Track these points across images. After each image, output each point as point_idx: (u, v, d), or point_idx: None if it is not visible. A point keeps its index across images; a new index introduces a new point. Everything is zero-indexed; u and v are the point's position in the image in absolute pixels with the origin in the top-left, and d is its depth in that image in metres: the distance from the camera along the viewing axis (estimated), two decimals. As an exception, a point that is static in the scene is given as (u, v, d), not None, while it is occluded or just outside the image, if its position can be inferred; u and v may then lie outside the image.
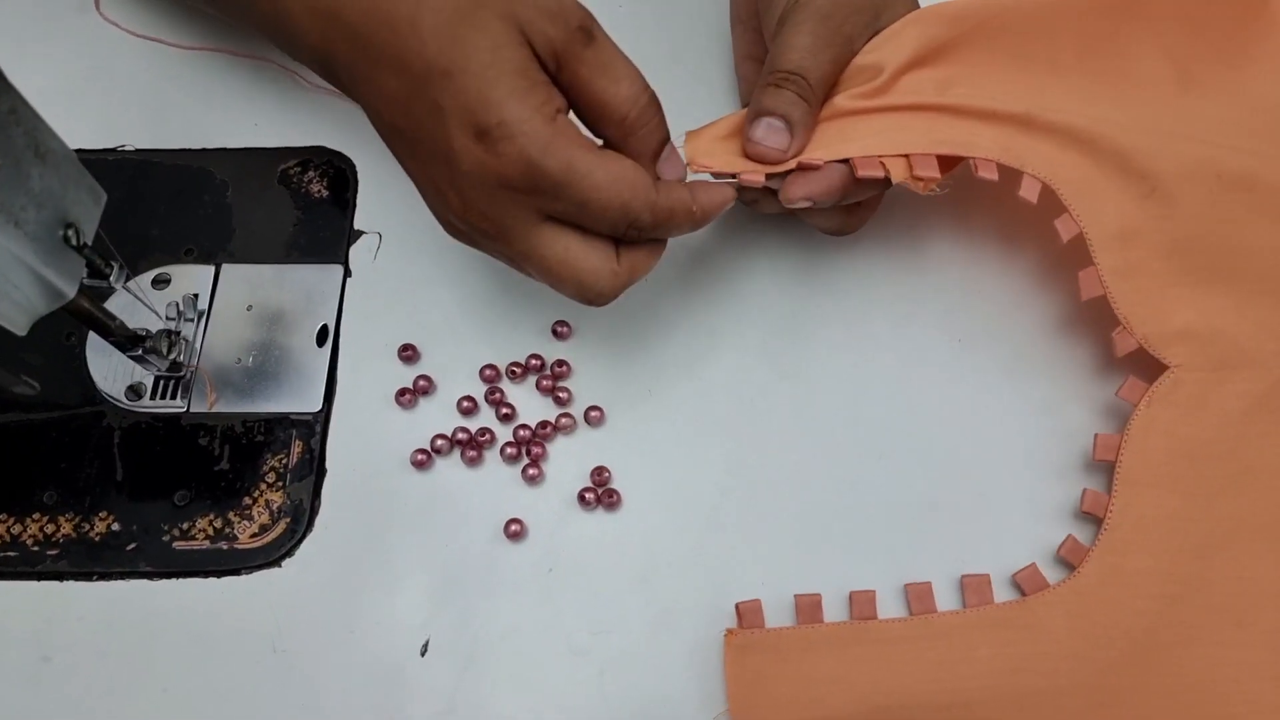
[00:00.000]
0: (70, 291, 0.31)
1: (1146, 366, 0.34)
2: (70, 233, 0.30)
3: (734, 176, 0.33)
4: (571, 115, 0.30)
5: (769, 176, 0.33)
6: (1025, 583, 0.33)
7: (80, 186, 0.31)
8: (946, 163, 0.34)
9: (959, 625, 0.32)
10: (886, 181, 0.33)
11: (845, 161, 0.33)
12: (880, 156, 0.33)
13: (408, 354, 0.38)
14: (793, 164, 0.33)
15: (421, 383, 0.37)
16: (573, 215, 0.29)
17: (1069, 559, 0.33)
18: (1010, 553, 0.34)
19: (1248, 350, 0.33)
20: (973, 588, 0.33)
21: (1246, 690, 0.31)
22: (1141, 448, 0.33)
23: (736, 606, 0.32)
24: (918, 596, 0.33)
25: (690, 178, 0.32)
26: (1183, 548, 0.32)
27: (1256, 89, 0.36)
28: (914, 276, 0.38)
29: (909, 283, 0.38)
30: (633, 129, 0.30)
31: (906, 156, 0.33)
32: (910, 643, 0.32)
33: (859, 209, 0.36)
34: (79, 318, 0.33)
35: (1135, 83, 0.36)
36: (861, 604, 0.32)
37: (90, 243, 0.32)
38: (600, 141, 0.31)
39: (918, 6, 0.35)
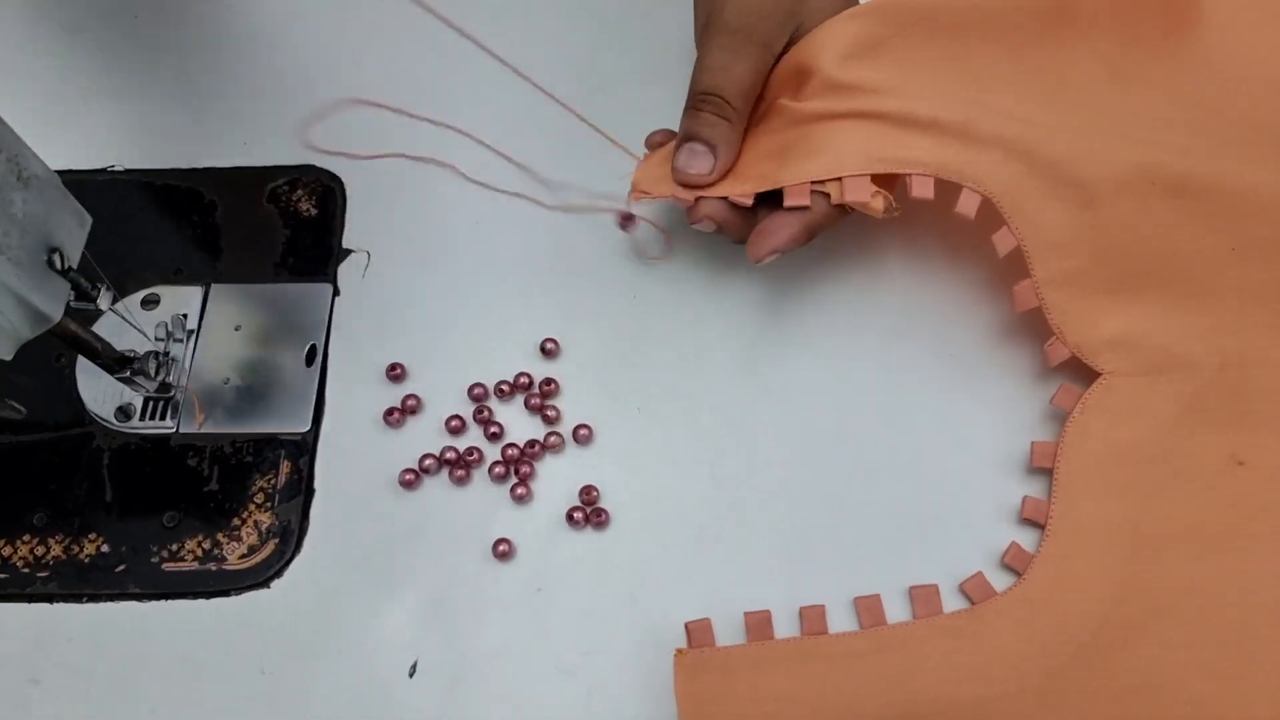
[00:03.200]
0: (56, 315, 0.31)
1: (1081, 373, 0.34)
2: (55, 257, 0.30)
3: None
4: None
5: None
6: (973, 591, 0.33)
7: (64, 210, 0.31)
8: (884, 179, 0.33)
9: (909, 637, 0.32)
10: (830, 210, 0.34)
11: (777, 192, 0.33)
12: (812, 183, 0.33)
13: (396, 373, 0.38)
14: (721, 188, 0.34)
15: (410, 402, 0.37)
16: None
17: (1014, 565, 0.33)
18: (958, 561, 0.34)
19: (1177, 354, 0.34)
20: (921, 599, 0.33)
21: (1191, 689, 0.31)
22: (1078, 454, 0.33)
23: (685, 626, 0.32)
24: (867, 609, 0.33)
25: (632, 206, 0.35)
26: (1123, 551, 0.32)
27: (1187, 85, 0.36)
28: (874, 289, 0.38)
29: (871, 295, 0.38)
30: None
31: (839, 180, 0.33)
32: (861, 656, 0.32)
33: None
34: (66, 341, 0.33)
35: (1071, 84, 0.36)
36: (811, 619, 0.33)
37: (75, 266, 0.32)
38: None
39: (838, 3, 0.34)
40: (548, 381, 0.37)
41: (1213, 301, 0.34)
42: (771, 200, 0.34)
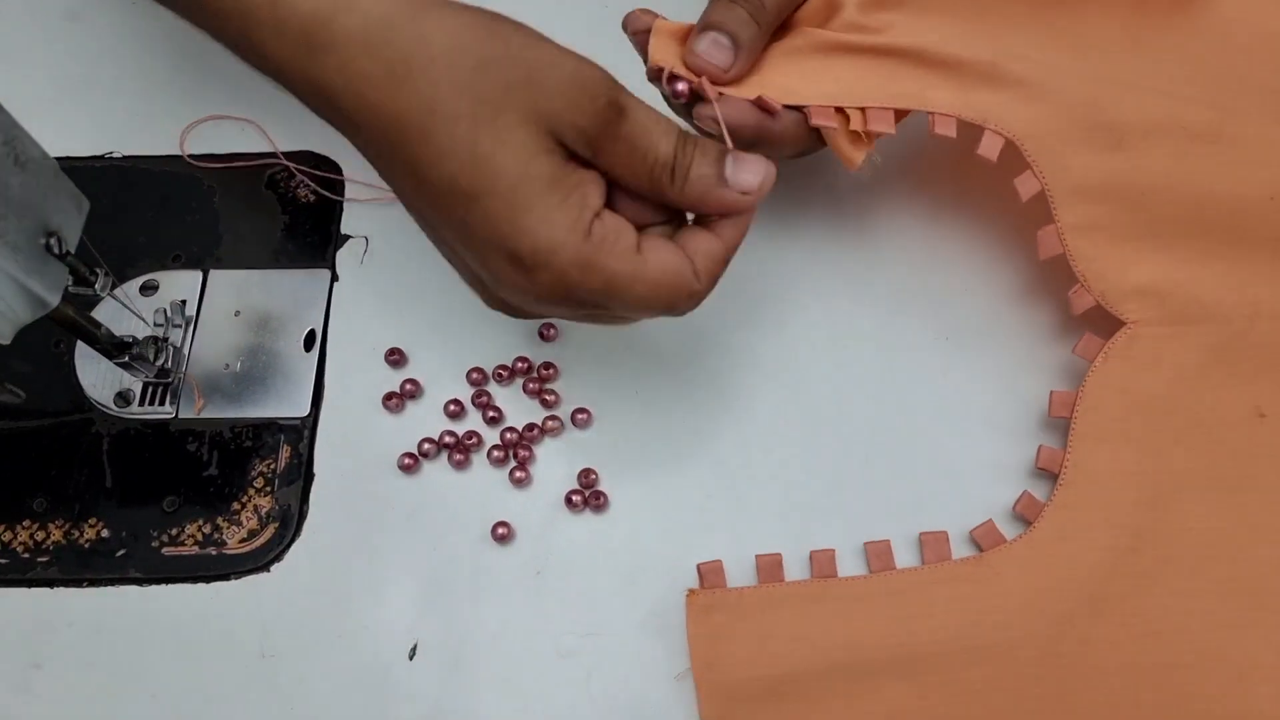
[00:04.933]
0: (54, 300, 0.31)
1: (1104, 324, 0.34)
2: (52, 241, 0.30)
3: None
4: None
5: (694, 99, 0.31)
6: (982, 539, 0.33)
7: (62, 194, 0.31)
8: (900, 113, 0.32)
9: (917, 581, 0.32)
10: (817, 141, 0.32)
11: (799, 109, 0.31)
12: (835, 106, 0.31)
13: (395, 358, 0.38)
14: (730, 84, 0.31)
15: (408, 386, 0.37)
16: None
17: (1025, 515, 0.33)
18: (968, 511, 0.34)
19: (1207, 304, 0.33)
20: (931, 544, 0.33)
21: (1197, 639, 0.31)
22: (1096, 403, 0.33)
23: (698, 567, 0.33)
24: (877, 554, 0.33)
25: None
26: (1136, 501, 0.32)
27: (1201, 48, 0.36)
28: (887, 247, 0.38)
29: (882, 254, 0.38)
30: (685, 176, 0.27)
31: (862, 110, 0.32)
32: (870, 599, 0.32)
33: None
34: (64, 326, 0.33)
35: (1091, 44, 0.35)
36: (822, 563, 0.33)
37: (73, 250, 0.32)
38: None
39: None
40: (546, 365, 0.37)
41: (1247, 251, 0.33)
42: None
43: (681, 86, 0.31)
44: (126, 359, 0.35)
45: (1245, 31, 0.36)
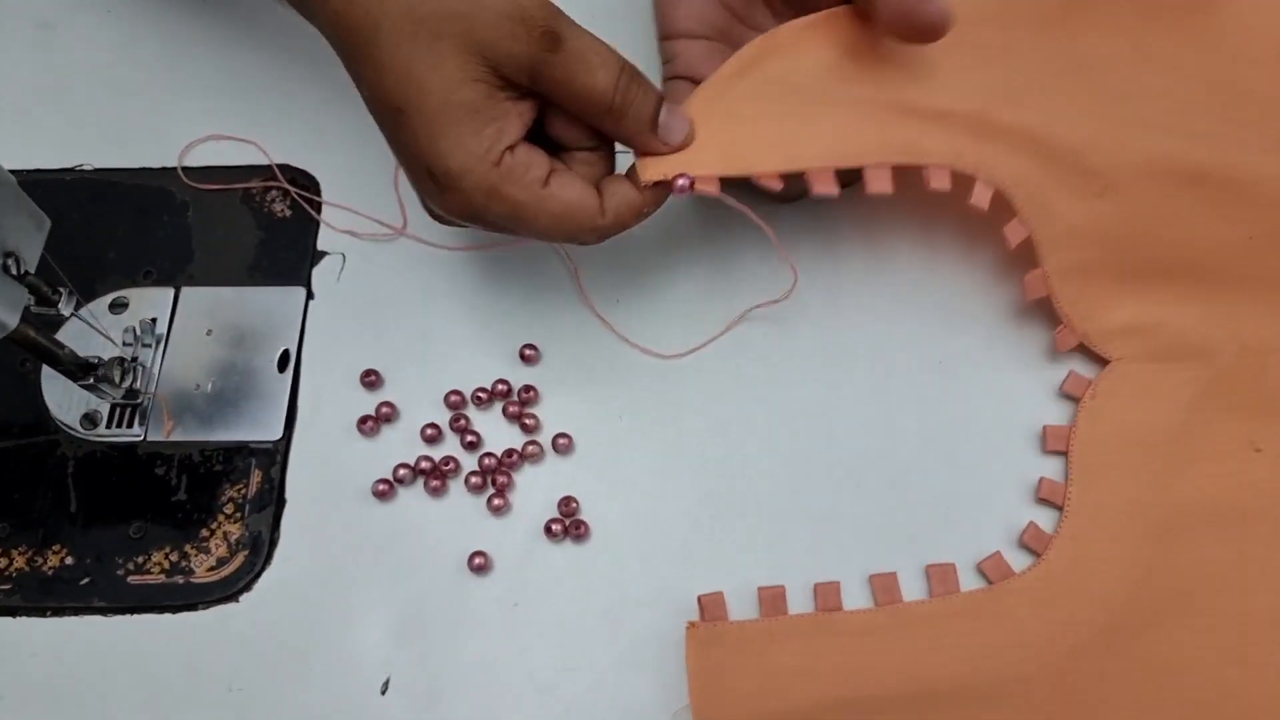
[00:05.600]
0: (11, 322, 0.30)
1: (1095, 357, 0.34)
2: (10, 261, 0.29)
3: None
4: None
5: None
6: (990, 571, 0.32)
7: (20, 213, 0.30)
8: (897, 168, 0.32)
9: (925, 615, 0.31)
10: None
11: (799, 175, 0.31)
12: (835, 168, 0.31)
13: (370, 380, 0.37)
14: (734, 165, 0.31)
15: (384, 410, 0.36)
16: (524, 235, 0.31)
17: (1032, 545, 0.32)
18: (974, 541, 0.33)
19: (1192, 341, 0.34)
20: (938, 577, 0.32)
21: (1211, 674, 0.31)
22: (1091, 437, 0.33)
23: (698, 599, 0.32)
24: (883, 587, 0.32)
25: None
26: (1144, 533, 0.32)
27: (1208, 66, 0.35)
28: (879, 271, 0.37)
29: (875, 278, 0.37)
30: (621, 113, 0.29)
31: (859, 170, 0.32)
32: (876, 633, 0.31)
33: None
34: (24, 347, 0.32)
35: (1090, 64, 0.35)
36: (826, 595, 0.32)
37: (32, 271, 0.31)
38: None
39: None
40: (527, 388, 0.36)
41: (1230, 289, 0.34)
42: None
43: (682, 182, 0.31)
44: (91, 381, 0.34)
45: (1256, 45, 0.35)
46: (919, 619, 0.31)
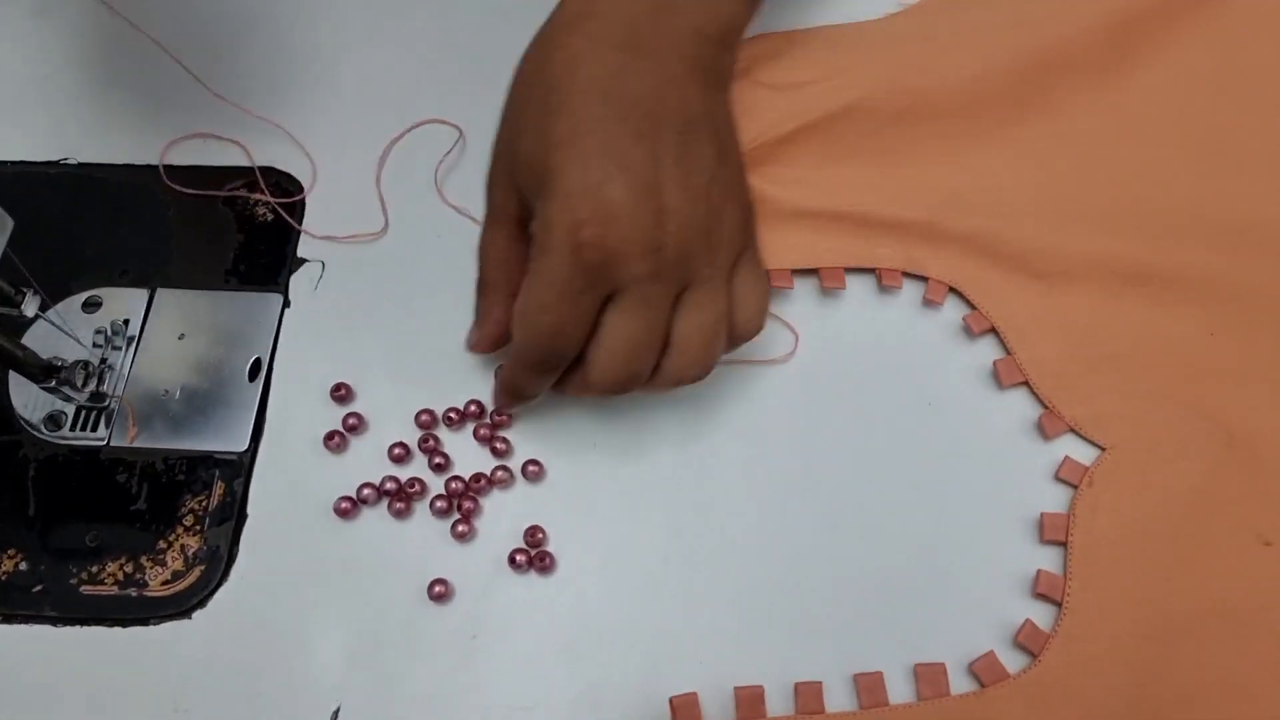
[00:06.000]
0: (-32, 324, 0.29)
1: (1086, 439, 0.34)
2: (-33, 262, 0.28)
3: None
4: None
5: None
6: (983, 673, 0.30)
7: (-19, 212, 0.29)
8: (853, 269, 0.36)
9: None
10: None
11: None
12: (791, 270, 0.36)
13: (341, 394, 0.36)
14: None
15: (351, 421, 0.35)
16: None
17: (1028, 645, 0.31)
18: (967, 636, 0.31)
19: (1179, 430, 0.33)
20: (927, 678, 0.30)
21: None
22: (1089, 528, 0.32)
23: (670, 701, 0.30)
24: (868, 688, 0.30)
25: None
26: (1146, 633, 0.30)
27: (1147, 158, 0.38)
28: (875, 333, 0.36)
29: (870, 339, 0.36)
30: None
31: (817, 270, 0.36)
32: None
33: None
34: (-17, 348, 0.31)
35: (1032, 166, 0.38)
36: (807, 697, 0.30)
37: (-6, 271, 0.30)
38: None
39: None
40: (499, 411, 0.35)
41: (1204, 382, 0.34)
42: None
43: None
44: (53, 384, 0.33)
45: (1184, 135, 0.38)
46: None
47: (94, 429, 0.35)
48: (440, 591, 0.32)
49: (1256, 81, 0.39)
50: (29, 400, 0.36)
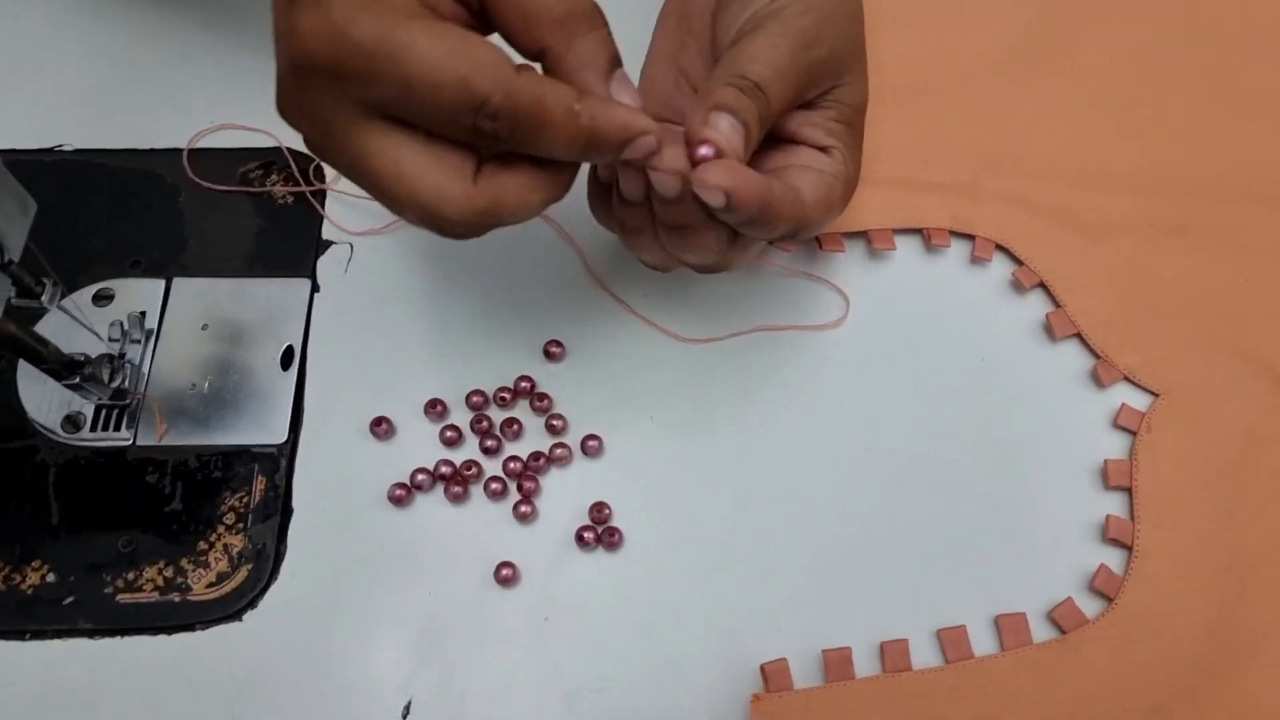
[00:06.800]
0: (-7, 314, 0.27)
1: (1141, 387, 0.34)
2: (-8, 248, 0.26)
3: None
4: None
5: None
6: (1063, 619, 0.31)
7: (4, 195, 0.27)
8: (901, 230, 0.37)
9: (999, 670, 0.30)
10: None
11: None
12: (842, 232, 0.36)
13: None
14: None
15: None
16: (401, 107, 0.22)
17: (1104, 590, 0.31)
18: (1042, 586, 0.32)
19: (1230, 371, 0.34)
20: (1009, 628, 0.31)
21: None
22: (1152, 472, 0.33)
23: (761, 668, 0.30)
24: (952, 642, 0.30)
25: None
26: (1216, 569, 0.31)
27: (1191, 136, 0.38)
28: (925, 293, 0.36)
29: (921, 300, 0.36)
30: (574, 34, 0.23)
31: (866, 232, 0.36)
32: (950, 693, 0.29)
33: (744, 244, 0.28)
34: (5, 344, 0.29)
35: (1064, 126, 0.38)
36: (894, 655, 0.30)
37: (17, 259, 0.28)
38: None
39: (866, 78, 0.30)
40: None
41: (1246, 325, 0.35)
42: None
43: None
44: (77, 380, 0.31)
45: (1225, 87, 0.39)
46: (993, 675, 0.30)
47: (117, 428, 0.33)
48: (507, 574, 0.31)
49: None
50: (42, 401, 0.34)
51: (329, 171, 0.38)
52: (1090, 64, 0.39)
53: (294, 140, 0.37)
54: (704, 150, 0.24)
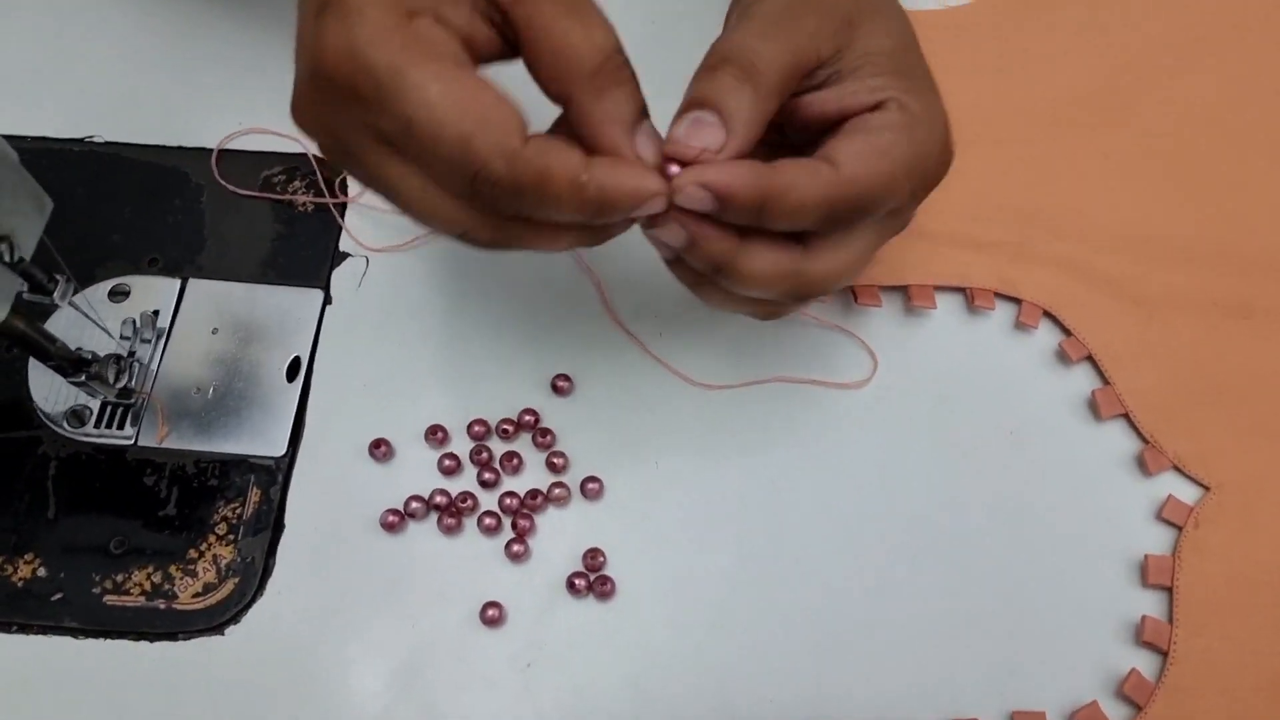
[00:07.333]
0: (2, 312, 0.27)
1: (1188, 476, 0.32)
2: (3, 248, 0.26)
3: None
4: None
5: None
6: None
7: (20, 195, 0.27)
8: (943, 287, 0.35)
9: None
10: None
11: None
12: (878, 285, 0.34)
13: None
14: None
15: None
16: (403, 144, 0.22)
17: (1133, 696, 0.29)
18: (1068, 685, 0.30)
19: None
20: None
21: None
22: (1197, 573, 0.31)
23: None
24: None
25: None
26: (1257, 685, 0.29)
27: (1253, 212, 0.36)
28: (961, 358, 0.34)
29: (955, 364, 0.34)
30: (603, 88, 0.22)
31: (906, 287, 0.34)
32: None
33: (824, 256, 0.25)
34: (13, 339, 0.29)
35: (1123, 196, 0.36)
36: None
37: (28, 257, 0.27)
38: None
39: (901, 18, 0.27)
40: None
41: None
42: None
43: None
44: (83, 378, 0.31)
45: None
46: None
47: (120, 427, 0.33)
48: (494, 615, 0.30)
49: None
50: (50, 393, 0.34)
51: (353, 185, 0.37)
52: (1157, 125, 0.37)
53: (297, 145, 0.38)
54: (672, 169, 0.23)
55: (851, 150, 0.24)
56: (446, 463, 0.33)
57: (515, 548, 0.31)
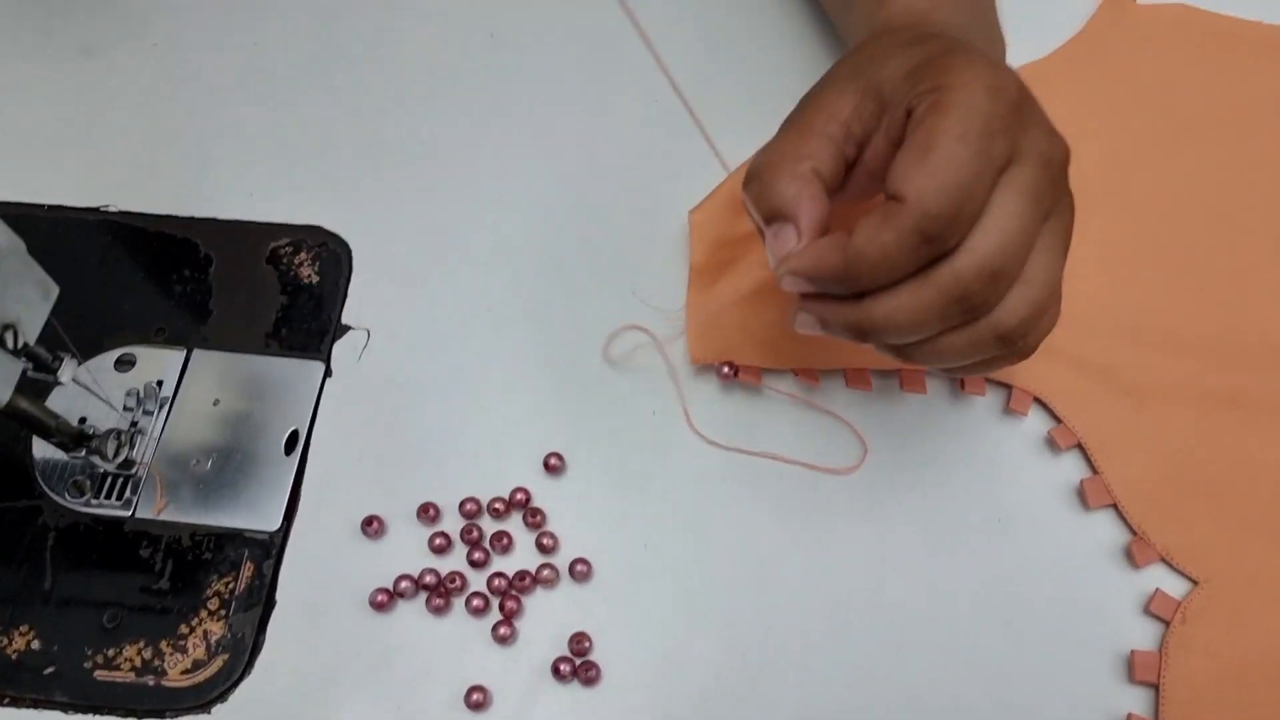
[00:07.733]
0: (4, 397, 0.28)
1: (1175, 569, 0.32)
2: (8, 334, 0.27)
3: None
4: None
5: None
6: None
7: (26, 282, 0.28)
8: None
9: None
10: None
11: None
12: (869, 369, 0.34)
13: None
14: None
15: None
16: None
17: None
18: None
19: (1277, 563, 0.31)
20: None
21: None
22: (1184, 671, 0.30)
23: None
24: None
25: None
26: None
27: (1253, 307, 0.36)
28: (950, 443, 0.34)
29: (944, 450, 0.34)
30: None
31: (898, 371, 0.35)
32: None
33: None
34: (15, 419, 0.29)
35: (1116, 287, 0.36)
36: None
37: (33, 341, 0.28)
38: None
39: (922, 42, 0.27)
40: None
41: None
42: None
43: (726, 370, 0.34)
44: (83, 453, 0.32)
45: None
46: None
47: (119, 497, 0.34)
48: (478, 700, 0.30)
49: None
50: (53, 460, 0.34)
51: (357, 260, 0.38)
52: (1154, 212, 0.37)
53: (331, 219, 0.38)
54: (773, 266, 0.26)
55: (898, 172, 0.23)
56: (437, 541, 0.33)
57: (502, 630, 0.31)
